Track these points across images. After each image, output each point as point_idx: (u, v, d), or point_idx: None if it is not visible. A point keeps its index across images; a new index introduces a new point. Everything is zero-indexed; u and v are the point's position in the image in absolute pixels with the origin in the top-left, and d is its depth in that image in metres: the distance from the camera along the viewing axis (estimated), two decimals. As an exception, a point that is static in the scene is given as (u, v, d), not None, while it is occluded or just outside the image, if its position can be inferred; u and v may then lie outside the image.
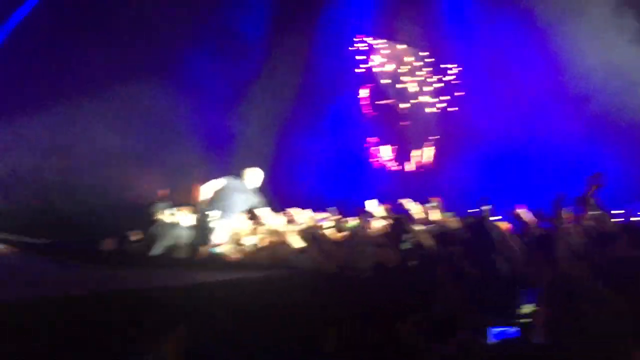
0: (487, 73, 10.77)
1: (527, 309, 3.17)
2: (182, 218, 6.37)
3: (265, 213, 6.09)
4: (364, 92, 12.75)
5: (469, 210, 5.32)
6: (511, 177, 9.57)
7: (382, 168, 12.76)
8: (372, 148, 12.67)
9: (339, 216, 5.86)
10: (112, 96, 7.78)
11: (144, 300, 2.37)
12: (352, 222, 5.62)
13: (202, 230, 6.10)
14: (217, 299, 2.86)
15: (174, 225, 6.23)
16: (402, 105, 13.07)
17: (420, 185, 10.97)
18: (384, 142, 13.03)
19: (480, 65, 11.02)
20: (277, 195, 7.41)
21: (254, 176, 6.84)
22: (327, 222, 5.76)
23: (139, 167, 7.61)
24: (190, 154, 8.35)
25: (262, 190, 6.92)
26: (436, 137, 12.80)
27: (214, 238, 5.90)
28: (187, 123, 8.63)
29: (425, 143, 12.88)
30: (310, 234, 4.82)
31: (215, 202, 6.40)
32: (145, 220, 6.40)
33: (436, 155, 12.52)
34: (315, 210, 6.28)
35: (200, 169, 7.79)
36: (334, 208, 6.18)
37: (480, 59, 11.02)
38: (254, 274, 3.43)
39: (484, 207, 4.46)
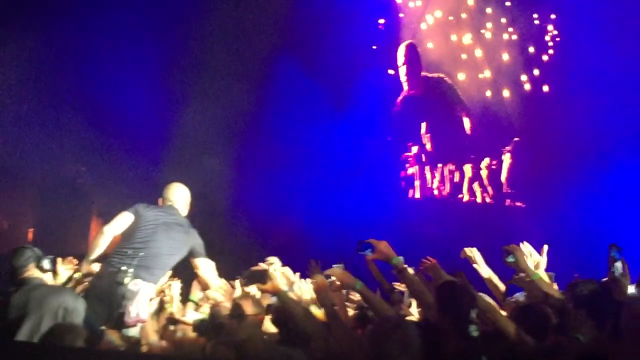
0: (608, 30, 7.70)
1: None
2: (68, 276, 4.33)
3: (208, 267, 4.36)
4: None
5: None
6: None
7: (420, 196, 9.11)
8: (408, 165, 8.98)
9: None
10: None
11: None
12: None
13: (110, 296, 4.03)
14: None
15: (56, 289, 3.84)
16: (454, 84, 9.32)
17: (487, 226, 7.77)
18: (424, 153, 9.14)
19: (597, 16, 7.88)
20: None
21: (183, 196, 4.59)
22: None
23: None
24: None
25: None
26: (516, 139, 8.67)
27: (133, 310, 3.95)
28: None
29: (496, 151, 8.82)
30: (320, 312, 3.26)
31: (128, 247, 4.18)
32: (4, 280, 4.01)
33: (513, 174, 8.37)
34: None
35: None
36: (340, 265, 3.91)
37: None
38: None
39: (615, 264, 2.81)
